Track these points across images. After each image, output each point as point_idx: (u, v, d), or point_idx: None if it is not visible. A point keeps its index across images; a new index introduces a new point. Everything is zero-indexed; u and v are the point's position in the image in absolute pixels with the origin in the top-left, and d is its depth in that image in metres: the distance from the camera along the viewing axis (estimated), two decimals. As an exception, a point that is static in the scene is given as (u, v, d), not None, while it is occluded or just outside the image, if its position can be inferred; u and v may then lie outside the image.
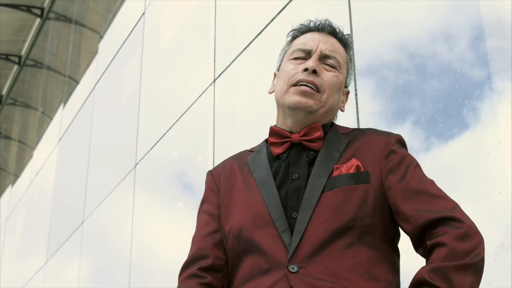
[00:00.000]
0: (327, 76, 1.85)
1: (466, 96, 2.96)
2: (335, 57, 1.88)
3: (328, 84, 1.84)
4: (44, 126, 12.45)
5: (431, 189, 1.69)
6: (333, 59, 1.88)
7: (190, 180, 5.85)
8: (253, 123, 4.80)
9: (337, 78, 1.87)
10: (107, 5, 9.64)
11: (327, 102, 1.84)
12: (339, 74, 1.88)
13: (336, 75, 1.87)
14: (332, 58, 1.88)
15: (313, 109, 1.82)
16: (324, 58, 1.87)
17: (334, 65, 1.88)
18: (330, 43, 1.90)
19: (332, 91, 1.85)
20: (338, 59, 1.88)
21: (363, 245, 1.66)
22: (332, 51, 1.88)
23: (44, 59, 13.28)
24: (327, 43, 1.89)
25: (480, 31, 3.01)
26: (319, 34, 1.92)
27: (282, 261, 1.64)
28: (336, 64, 1.88)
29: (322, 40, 1.90)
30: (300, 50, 1.90)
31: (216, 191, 1.89)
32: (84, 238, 8.19)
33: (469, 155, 2.88)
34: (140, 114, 6.96)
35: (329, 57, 1.88)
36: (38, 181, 11.73)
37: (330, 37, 1.92)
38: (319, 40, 1.90)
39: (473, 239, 1.59)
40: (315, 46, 1.88)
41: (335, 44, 1.91)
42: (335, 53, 1.89)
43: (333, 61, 1.88)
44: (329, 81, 1.85)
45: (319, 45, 1.88)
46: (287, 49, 1.97)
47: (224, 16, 5.58)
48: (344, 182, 1.71)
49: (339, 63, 1.89)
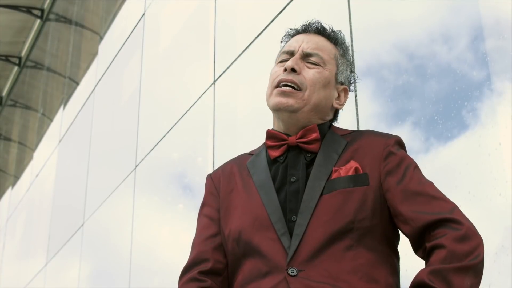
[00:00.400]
0: (308, 73, 1.84)
1: (466, 97, 2.96)
2: (317, 54, 1.87)
3: (310, 81, 1.83)
4: (44, 127, 12.45)
5: (430, 191, 1.69)
6: (316, 56, 1.87)
7: (190, 181, 5.85)
8: (253, 124, 4.80)
9: (320, 74, 1.85)
10: (107, 6, 9.65)
11: (310, 99, 1.83)
12: (323, 70, 1.86)
13: (319, 71, 1.85)
14: (314, 56, 1.87)
15: (295, 108, 1.81)
16: (306, 56, 1.87)
17: (316, 62, 1.87)
18: (314, 42, 1.89)
19: (315, 88, 1.84)
20: (321, 56, 1.87)
21: (363, 248, 1.66)
22: (315, 49, 1.88)
23: (44, 60, 13.28)
24: (310, 42, 1.89)
25: (479, 32, 3.01)
26: (305, 34, 1.93)
27: (282, 264, 1.64)
28: (319, 61, 1.87)
29: (306, 39, 1.90)
30: (285, 53, 1.91)
31: (215, 194, 1.89)
32: (84, 239, 8.19)
33: (469, 156, 2.88)
34: (140, 115, 6.96)
35: (311, 54, 1.87)
36: (38, 183, 11.73)
37: (315, 35, 1.92)
38: (303, 40, 1.90)
39: (472, 240, 1.58)
40: (297, 46, 1.89)
41: (320, 42, 1.90)
42: (319, 50, 1.88)
43: (315, 58, 1.87)
44: (310, 78, 1.84)
45: (302, 44, 1.88)
46: (278, 54, 1.98)
47: (224, 17, 5.58)
48: (343, 185, 1.71)
49: (323, 59, 1.87)
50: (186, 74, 6.23)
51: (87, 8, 10.78)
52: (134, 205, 6.62)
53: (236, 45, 5.18)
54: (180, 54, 6.42)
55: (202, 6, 6.03)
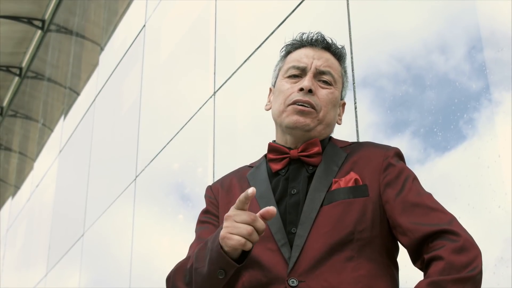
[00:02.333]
0: (322, 94, 1.86)
1: (464, 109, 2.97)
2: (330, 72, 1.88)
3: (324, 102, 1.85)
4: (45, 138, 12.46)
5: (429, 202, 1.70)
6: (328, 75, 1.88)
7: (190, 192, 5.86)
8: (253, 135, 4.81)
9: (332, 94, 1.87)
10: (108, 17, 9.67)
11: (324, 119, 1.85)
12: (334, 90, 1.88)
13: (331, 92, 1.87)
14: (327, 74, 1.88)
15: (311, 127, 1.83)
16: (319, 74, 1.88)
17: (329, 81, 1.88)
18: (325, 59, 1.90)
19: (328, 108, 1.86)
20: (333, 74, 1.89)
21: (363, 259, 1.66)
22: (327, 67, 1.89)
23: (45, 71, 13.30)
24: (321, 58, 1.89)
25: (477, 43, 3.02)
26: (313, 49, 1.92)
27: (282, 275, 1.65)
28: (331, 80, 1.88)
29: (316, 56, 1.90)
30: (295, 68, 1.90)
31: (215, 203, 1.90)
32: (84, 249, 8.19)
33: (468, 168, 2.89)
34: (140, 126, 6.97)
35: (324, 73, 1.88)
36: (39, 193, 11.73)
37: (324, 51, 1.92)
38: (313, 57, 1.89)
39: (470, 252, 1.59)
40: (309, 63, 1.88)
41: (330, 59, 1.91)
42: (330, 68, 1.89)
43: (328, 77, 1.88)
44: (324, 99, 1.85)
45: (313, 61, 1.88)
46: (282, 65, 1.97)
47: (224, 29, 5.60)
48: (342, 196, 1.72)
49: (334, 78, 1.89)
50: (186, 85, 6.25)
51: (88, 19, 10.81)
52: (134, 215, 6.62)
53: (236, 56, 5.20)
54: (180, 65, 6.44)
55: (202, 18, 6.05)
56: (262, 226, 1.57)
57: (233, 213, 1.59)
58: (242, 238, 1.55)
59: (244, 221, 1.56)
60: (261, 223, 1.57)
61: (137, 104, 7.17)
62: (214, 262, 1.60)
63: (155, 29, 7.33)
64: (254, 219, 1.56)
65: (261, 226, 1.57)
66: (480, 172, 2.78)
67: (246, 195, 1.56)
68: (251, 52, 4.93)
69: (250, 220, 1.56)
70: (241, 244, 1.55)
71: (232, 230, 1.56)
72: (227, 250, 1.58)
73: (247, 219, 1.56)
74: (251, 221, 1.56)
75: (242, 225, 1.56)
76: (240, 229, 1.56)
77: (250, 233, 1.55)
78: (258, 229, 1.57)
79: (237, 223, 1.57)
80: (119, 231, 7.21)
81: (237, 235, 1.56)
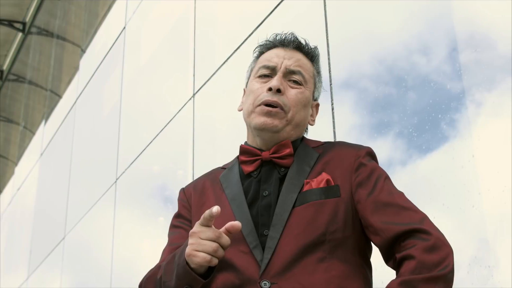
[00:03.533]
0: (291, 94, 1.84)
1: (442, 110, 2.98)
2: (300, 72, 1.87)
3: (293, 102, 1.84)
4: (26, 141, 12.40)
5: (400, 201, 1.70)
6: (298, 75, 1.87)
7: (170, 194, 5.85)
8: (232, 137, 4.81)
9: (302, 94, 1.86)
10: (88, 20, 9.64)
11: (293, 119, 1.84)
12: (304, 90, 1.87)
13: (301, 92, 1.86)
14: (298, 74, 1.87)
15: (279, 128, 1.82)
16: (289, 74, 1.87)
17: (299, 81, 1.87)
18: (295, 59, 1.89)
19: (298, 108, 1.85)
20: (303, 74, 1.87)
21: (335, 259, 1.66)
22: (298, 66, 1.88)
23: (26, 74, 13.24)
24: (291, 58, 1.88)
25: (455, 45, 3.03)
26: (284, 49, 1.91)
27: (254, 278, 1.64)
28: (301, 79, 1.87)
29: (287, 56, 1.89)
30: (265, 67, 1.89)
31: (188, 207, 1.90)
32: (65, 253, 8.16)
33: (444, 168, 2.90)
34: (120, 128, 6.95)
35: (294, 72, 1.87)
36: (20, 196, 11.67)
37: (295, 52, 1.91)
38: (284, 56, 1.89)
39: (441, 250, 1.59)
40: (279, 62, 1.87)
41: (301, 60, 1.90)
42: (301, 68, 1.88)
43: (298, 77, 1.87)
44: (293, 99, 1.84)
45: (284, 61, 1.87)
46: (253, 66, 1.96)
47: (203, 31, 5.60)
48: (314, 197, 1.71)
49: (305, 78, 1.88)
50: (166, 87, 6.24)
51: (68, 21, 10.77)
52: (115, 218, 6.60)
53: (215, 58, 5.20)
54: (160, 67, 6.43)
55: (182, 20, 6.05)
56: (227, 242, 1.58)
57: (198, 229, 1.59)
58: (207, 255, 1.56)
59: (209, 238, 1.57)
60: (226, 239, 1.58)
61: (118, 107, 7.15)
62: (181, 278, 1.61)
63: (135, 31, 7.32)
64: (219, 236, 1.57)
65: (226, 242, 1.58)
66: (454, 172, 2.79)
67: (211, 213, 1.56)
68: (229, 54, 4.93)
69: (214, 237, 1.57)
70: (206, 261, 1.56)
71: (197, 247, 1.57)
72: (193, 267, 1.59)
73: (211, 236, 1.57)
74: (216, 238, 1.57)
75: (207, 242, 1.57)
76: (205, 246, 1.56)
77: (215, 250, 1.56)
78: (223, 245, 1.58)
79: (202, 240, 1.57)
80: (100, 234, 7.18)
81: (202, 252, 1.56)
